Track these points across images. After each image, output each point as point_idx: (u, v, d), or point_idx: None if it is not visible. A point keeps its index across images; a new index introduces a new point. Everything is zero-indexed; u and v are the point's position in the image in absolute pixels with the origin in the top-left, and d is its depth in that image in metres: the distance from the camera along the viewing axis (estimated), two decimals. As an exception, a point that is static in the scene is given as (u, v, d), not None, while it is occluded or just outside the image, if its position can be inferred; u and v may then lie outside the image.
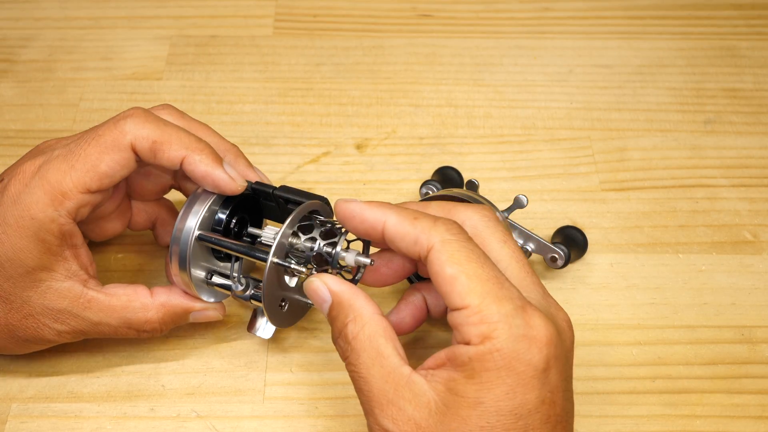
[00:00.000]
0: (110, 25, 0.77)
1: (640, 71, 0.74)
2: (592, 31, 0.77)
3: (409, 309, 0.51)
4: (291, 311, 0.52)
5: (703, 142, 0.69)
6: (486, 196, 0.57)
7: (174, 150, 0.50)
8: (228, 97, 0.71)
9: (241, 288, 0.51)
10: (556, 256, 0.58)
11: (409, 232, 0.44)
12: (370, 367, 0.44)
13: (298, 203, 0.51)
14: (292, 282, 0.52)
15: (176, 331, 0.56)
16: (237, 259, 0.51)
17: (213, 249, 0.52)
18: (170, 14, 0.78)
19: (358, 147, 0.68)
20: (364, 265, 0.49)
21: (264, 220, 0.56)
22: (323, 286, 0.46)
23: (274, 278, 0.49)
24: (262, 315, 0.53)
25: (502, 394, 0.41)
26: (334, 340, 0.46)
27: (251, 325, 0.54)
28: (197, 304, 0.53)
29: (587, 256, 0.61)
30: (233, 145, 0.55)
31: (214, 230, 0.52)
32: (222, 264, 0.53)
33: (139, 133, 0.49)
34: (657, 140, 0.69)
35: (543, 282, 0.60)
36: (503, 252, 0.46)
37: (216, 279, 0.53)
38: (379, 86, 0.72)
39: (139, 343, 0.56)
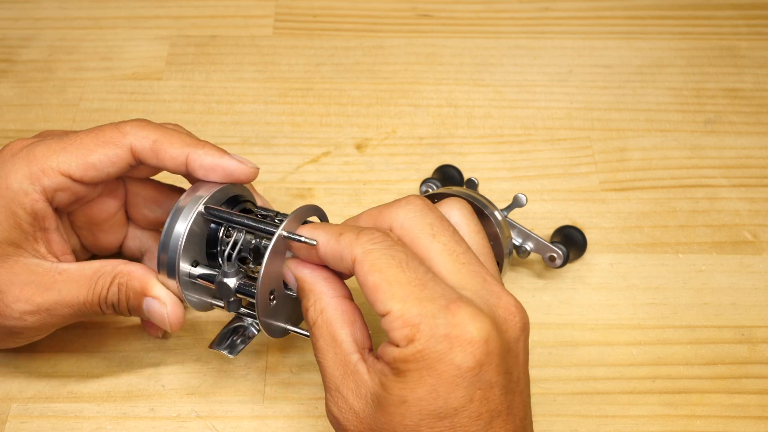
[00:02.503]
0: (110, 25, 0.77)
1: (640, 71, 0.74)
2: (592, 31, 0.77)
3: None
4: (281, 311, 0.50)
5: (703, 142, 0.69)
6: (486, 196, 0.57)
7: (176, 147, 0.49)
8: (228, 97, 0.71)
9: (232, 271, 0.48)
10: (555, 255, 0.58)
11: (335, 249, 0.44)
12: (326, 353, 0.44)
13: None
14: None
15: (176, 331, 0.56)
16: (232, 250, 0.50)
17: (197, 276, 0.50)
18: (170, 14, 0.78)
19: (358, 147, 0.68)
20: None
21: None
22: (288, 270, 0.47)
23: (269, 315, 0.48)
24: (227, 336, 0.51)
25: (425, 394, 0.41)
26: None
27: (214, 342, 0.51)
28: (157, 289, 0.49)
29: (587, 256, 0.61)
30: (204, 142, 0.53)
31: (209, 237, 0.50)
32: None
33: (139, 134, 0.49)
34: (657, 140, 0.69)
35: (542, 282, 0.60)
36: (433, 246, 0.44)
37: (199, 279, 0.50)
38: (379, 86, 0.72)
39: (139, 343, 0.56)
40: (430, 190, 0.61)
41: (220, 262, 0.50)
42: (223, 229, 0.50)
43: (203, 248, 0.50)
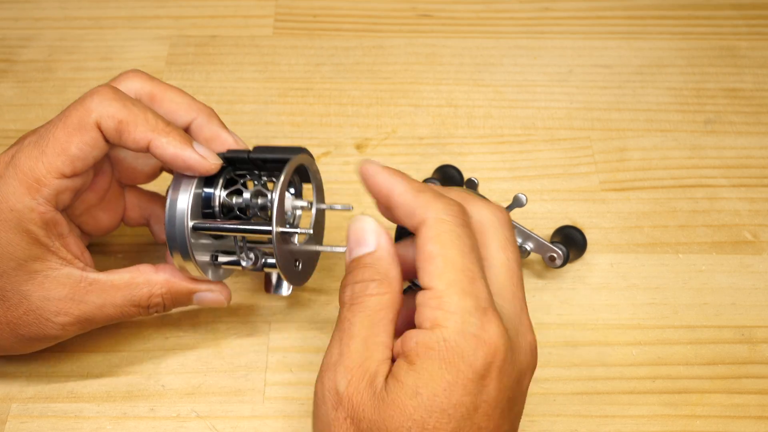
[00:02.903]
0: (110, 25, 0.77)
1: (640, 71, 0.74)
2: (592, 31, 0.77)
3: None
4: (303, 266, 0.52)
5: (703, 142, 0.69)
6: (486, 196, 0.57)
7: (140, 132, 0.48)
8: (228, 97, 0.71)
9: (251, 262, 0.50)
10: (555, 255, 0.58)
11: (410, 202, 0.44)
12: (363, 329, 0.43)
13: (278, 161, 0.50)
14: (295, 238, 0.52)
15: (176, 331, 0.56)
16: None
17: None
18: (170, 14, 0.78)
19: (358, 147, 0.68)
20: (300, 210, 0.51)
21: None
22: (374, 233, 0.45)
23: (283, 244, 0.49)
24: (279, 277, 0.53)
25: (440, 390, 0.40)
26: (346, 282, 0.44)
27: (268, 287, 0.53)
28: (201, 285, 0.52)
29: (587, 256, 0.61)
30: (205, 105, 0.53)
31: (205, 214, 0.51)
32: (220, 242, 0.53)
33: (105, 112, 0.48)
34: (657, 140, 0.69)
35: (542, 282, 0.60)
36: (498, 255, 0.45)
37: (222, 258, 0.52)
38: (379, 86, 0.72)
39: (139, 343, 0.56)
40: (430, 190, 0.61)
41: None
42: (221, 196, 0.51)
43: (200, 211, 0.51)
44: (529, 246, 0.58)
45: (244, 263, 0.51)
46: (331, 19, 0.78)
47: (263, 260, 0.51)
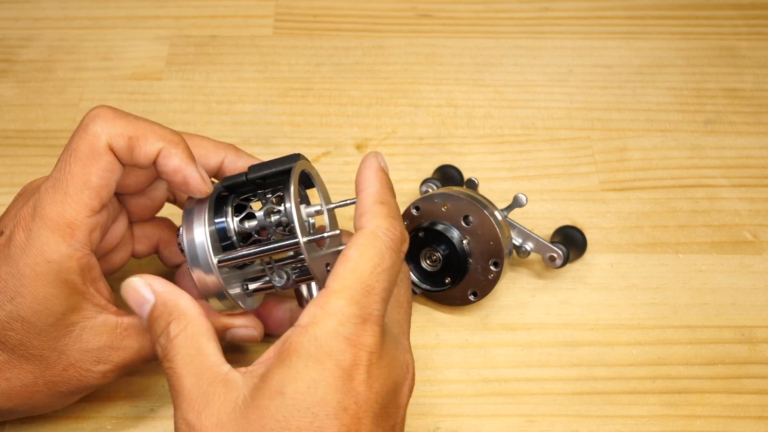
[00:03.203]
0: (110, 25, 0.77)
1: (640, 71, 0.74)
2: (592, 31, 0.77)
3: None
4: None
5: (703, 142, 0.69)
6: (486, 196, 0.57)
7: (150, 144, 0.46)
8: (228, 97, 0.71)
9: (284, 280, 0.49)
10: (555, 255, 0.58)
11: (366, 206, 0.45)
12: (188, 364, 0.43)
13: (278, 174, 0.49)
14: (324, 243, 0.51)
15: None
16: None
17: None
18: (170, 14, 0.78)
19: (358, 147, 0.68)
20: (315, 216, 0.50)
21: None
22: (146, 286, 0.45)
23: (312, 253, 0.48)
24: (309, 288, 0.52)
25: (304, 387, 0.40)
26: (155, 341, 0.45)
27: (302, 300, 0.51)
28: (236, 321, 0.50)
29: (587, 256, 0.61)
30: (229, 144, 0.53)
31: (224, 247, 0.49)
32: (243, 270, 0.51)
33: (113, 132, 0.46)
34: (657, 140, 0.69)
35: (542, 282, 0.60)
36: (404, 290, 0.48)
37: (253, 285, 0.50)
38: (379, 86, 0.72)
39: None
40: (430, 190, 0.61)
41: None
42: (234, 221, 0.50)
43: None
44: (529, 246, 0.58)
45: (277, 283, 0.49)
46: (331, 19, 0.78)
47: (294, 275, 0.50)
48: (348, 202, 0.50)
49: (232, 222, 0.50)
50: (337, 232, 0.49)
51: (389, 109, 0.71)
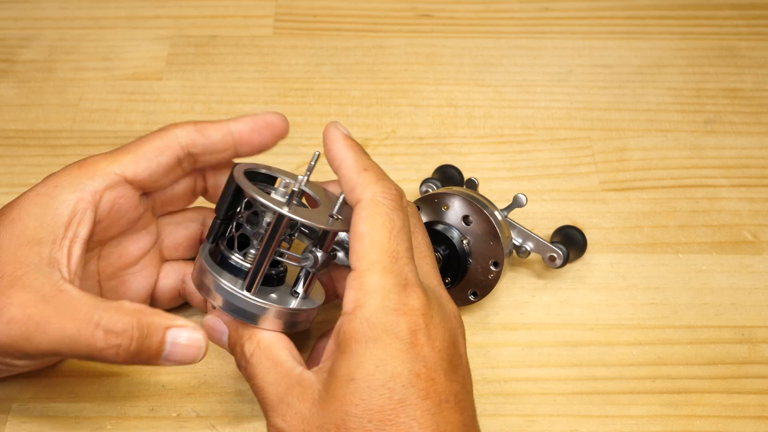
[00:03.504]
0: (110, 25, 0.77)
1: (640, 71, 0.74)
2: (592, 31, 0.77)
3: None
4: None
5: (703, 142, 0.69)
6: (486, 196, 0.57)
7: (216, 125, 0.50)
8: (228, 97, 0.71)
9: (311, 259, 0.47)
10: (555, 255, 0.58)
11: (353, 178, 0.46)
12: (266, 375, 0.45)
13: (235, 195, 0.50)
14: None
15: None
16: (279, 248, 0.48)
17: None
18: (170, 14, 0.78)
19: (358, 147, 0.68)
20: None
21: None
22: (218, 319, 0.48)
23: (307, 213, 0.48)
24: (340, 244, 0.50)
25: (372, 368, 0.41)
26: (238, 365, 0.48)
27: (347, 252, 0.49)
28: (176, 321, 0.45)
29: (587, 256, 0.61)
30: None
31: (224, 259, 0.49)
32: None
33: (179, 126, 0.50)
34: (657, 140, 0.69)
35: (542, 282, 0.60)
36: (423, 240, 0.48)
37: (298, 286, 0.49)
38: (379, 86, 0.72)
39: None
40: (430, 190, 0.61)
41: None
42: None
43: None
44: (529, 246, 0.58)
45: (309, 265, 0.48)
46: (331, 19, 0.78)
47: (315, 248, 0.48)
48: (307, 175, 0.48)
49: (235, 257, 0.49)
50: (302, 177, 0.47)
51: (389, 109, 0.71)
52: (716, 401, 0.54)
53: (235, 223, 0.50)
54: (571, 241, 0.59)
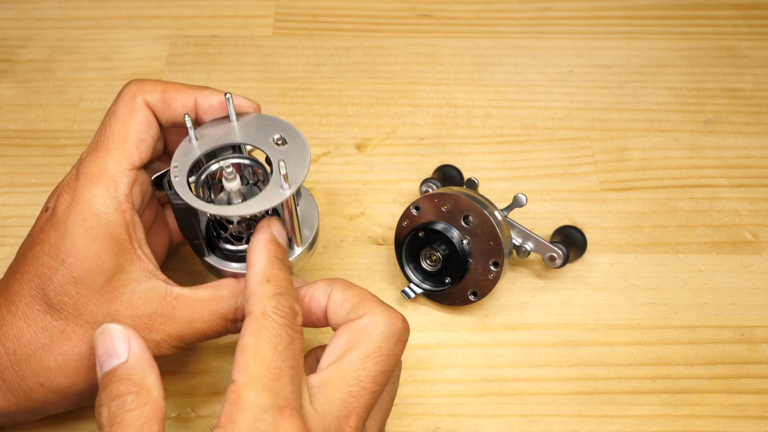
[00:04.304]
0: (110, 25, 0.77)
1: (640, 71, 0.74)
2: (592, 31, 0.77)
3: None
4: None
5: (703, 142, 0.69)
6: (486, 196, 0.57)
7: (183, 95, 0.49)
8: (228, 97, 0.71)
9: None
10: (555, 255, 0.58)
11: (251, 287, 0.44)
12: None
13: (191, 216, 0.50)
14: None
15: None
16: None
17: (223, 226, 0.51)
18: (170, 14, 0.78)
19: (358, 147, 0.68)
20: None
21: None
22: (124, 341, 0.43)
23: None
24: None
25: None
26: (102, 401, 0.42)
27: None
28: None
29: (587, 256, 0.61)
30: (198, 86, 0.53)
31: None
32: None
33: (146, 89, 0.48)
34: (657, 140, 0.69)
35: (542, 282, 0.60)
36: (354, 362, 0.43)
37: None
38: (379, 86, 0.72)
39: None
40: (430, 190, 0.61)
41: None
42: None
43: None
44: (529, 246, 0.58)
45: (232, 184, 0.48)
46: (331, 19, 0.78)
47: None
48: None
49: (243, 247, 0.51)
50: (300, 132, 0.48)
51: (389, 109, 0.71)
52: (716, 401, 0.54)
53: (218, 228, 0.51)
54: (571, 241, 0.59)
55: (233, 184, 0.48)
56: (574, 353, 0.57)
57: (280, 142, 0.49)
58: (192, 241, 0.50)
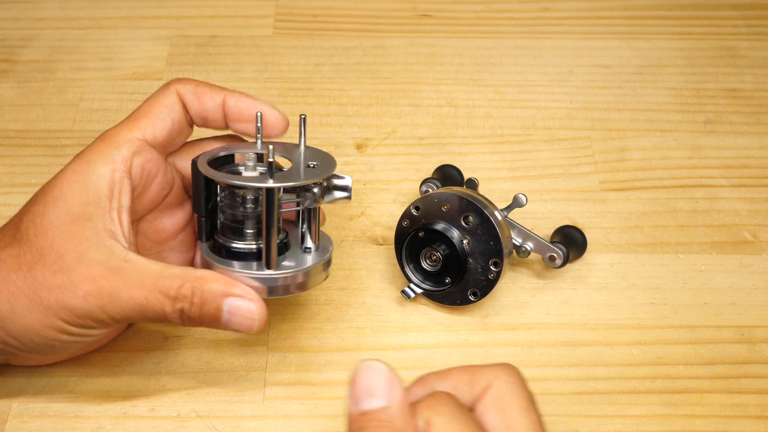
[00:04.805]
0: (110, 25, 0.77)
1: (640, 71, 0.74)
2: (592, 31, 0.78)
3: None
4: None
5: (703, 142, 0.69)
6: (486, 196, 0.57)
7: (215, 92, 0.52)
8: (228, 97, 0.71)
9: (311, 196, 0.50)
10: (555, 255, 0.58)
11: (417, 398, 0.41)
12: None
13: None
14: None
15: (176, 331, 0.56)
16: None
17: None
18: (170, 14, 0.78)
19: (358, 147, 0.68)
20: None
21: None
22: (387, 382, 0.41)
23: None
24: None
25: None
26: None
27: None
28: (236, 289, 0.48)
29: (587, 256, 0.61)
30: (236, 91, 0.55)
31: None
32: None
33: (182, 82, 0.52)
34: (657, 140, 0.69)
35: (542, 282, 0.60)
36: (523, 420, 0.42)
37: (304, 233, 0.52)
38: (379, 86, 0.73)
39: (139, 343, 0.56)
40: (430, 190, 0.61)
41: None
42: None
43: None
44: (529, 246, 0.58)
45: (309, 203, 0.50)
46: (331, 19, 0.78)
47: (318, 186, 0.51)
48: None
49: (237, 244, 0.51)
50: (272, 147, 0.49)
51: (389, 109, 0.71)
52: (716, 401, 0.54)
53: (221, 214, 0.52)
54: (571, 241, 0.59)
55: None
56: (574, 353, 0.57)
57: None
58: (198, 218, 0.52)
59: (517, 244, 0.58)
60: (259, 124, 0.52)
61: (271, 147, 0.48)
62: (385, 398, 0.40)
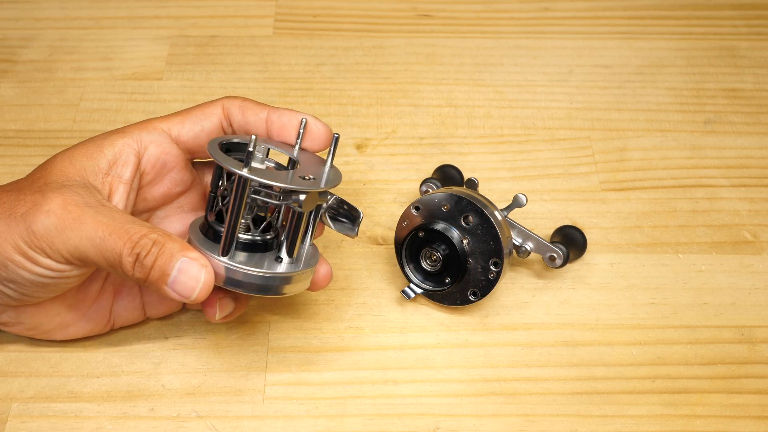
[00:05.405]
0: (110, 25, 0.77)
1: (640, 71, 0.74)
2: (592, 31, 0.78)
3: None
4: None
5: (703, 142, 0.69)
6: (486, 196, 0.57)
7: (260, 108, 0.53)
8: (228, 97, 0.71)
9: (298, 200, 0.50)
10: (555, 255, 0.58)
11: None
12: None
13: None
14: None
15: (176, 331, 0.56)
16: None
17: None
18: (170, 14, 0.78)
19: (358, 147, 0.68)
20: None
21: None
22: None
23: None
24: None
25: None
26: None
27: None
28: (191, 253, 0.48)
29: (587, 256, 0.61)
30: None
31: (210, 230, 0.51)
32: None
33: (231, 98, 0.54)
34: (657, 140, 0.69)
35: (542, 282, 0.60)
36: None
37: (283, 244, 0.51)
38: (379, 86, 0.73)
39: (139, 343, 0.56)
40: (430, 190, 0.61)
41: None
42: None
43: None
44: (529, 246, 0.58)
45: (298, 207, 0.50)
46: (331, 19, 0.78)
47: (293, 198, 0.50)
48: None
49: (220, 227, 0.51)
50: (259, 139, 0.51)
51: (389, 109, 0.71)
52: (716, 401, 0.54)
53: (219, 196, 0.52)
54: (571, 241, 0.59)
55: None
56: (573, 353, 0.57)
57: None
58: (209, 193, 0.53)
59: (517, 244, 0.58)
60: (301, 130, 0.52)
61: (253, 137, 0.48)
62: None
